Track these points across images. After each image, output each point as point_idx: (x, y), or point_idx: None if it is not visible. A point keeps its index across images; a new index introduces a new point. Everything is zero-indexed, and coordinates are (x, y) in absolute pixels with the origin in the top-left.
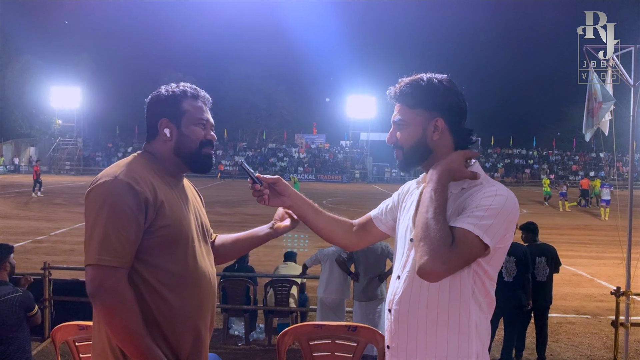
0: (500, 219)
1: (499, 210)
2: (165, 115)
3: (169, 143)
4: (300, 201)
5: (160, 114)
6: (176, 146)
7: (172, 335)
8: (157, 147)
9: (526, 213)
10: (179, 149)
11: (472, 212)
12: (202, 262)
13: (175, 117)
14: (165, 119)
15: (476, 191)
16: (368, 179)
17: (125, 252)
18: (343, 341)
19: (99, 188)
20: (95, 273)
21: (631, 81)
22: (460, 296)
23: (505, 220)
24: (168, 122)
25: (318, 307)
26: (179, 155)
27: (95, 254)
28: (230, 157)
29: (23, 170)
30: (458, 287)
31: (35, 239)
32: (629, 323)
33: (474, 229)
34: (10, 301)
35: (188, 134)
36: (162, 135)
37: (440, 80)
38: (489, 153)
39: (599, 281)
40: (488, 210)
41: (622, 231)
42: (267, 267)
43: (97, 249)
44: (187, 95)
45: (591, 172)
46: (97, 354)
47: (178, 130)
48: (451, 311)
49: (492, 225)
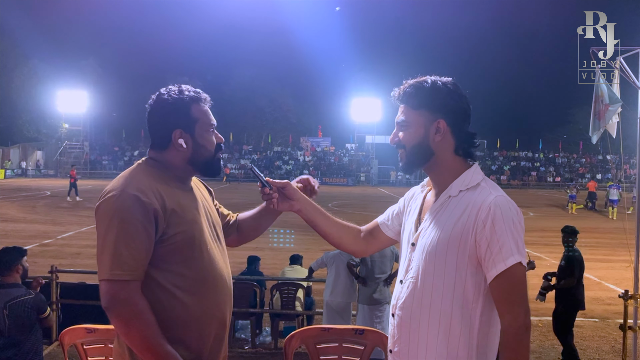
0: (518, 231)
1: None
2: (179, 125)
3: (185, 153)
4: (309, 206)
5: (172, 124)
6: (192, 156)
7: (191, 337)
8: (168, 156)
9: (533, 215)
10: (195, 159)
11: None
12: (217, 264)
13: (189, 126)
14: (179, 129)
15: (477, 195)
16: (373, 182)
17: (137, 265)
18: (350, 344)
19: (107, 202)
20: (108, 287)
21: (638, 83)
22: (463, 306)
23: (521, 231)
24: (182, 133)
25: (324, 311)
26: (192, 164)
27: (108, 269)
28: (236, 160)
29: (30, 174)
30: (460, 298)
31: (42, 242)
32: (637, 326)
33: (514, 260)
34: (23, 303)
35: (203, 143)
36: (178, 147)
37: (444, 83)
38: (495, 156)
39: (606, 284)
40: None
41: (630, 234)
42: (272, 270)
43: (109, 264)
44: (194, 100)
45: (598, 175)
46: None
47: (193, 140)
48: (453, 321)
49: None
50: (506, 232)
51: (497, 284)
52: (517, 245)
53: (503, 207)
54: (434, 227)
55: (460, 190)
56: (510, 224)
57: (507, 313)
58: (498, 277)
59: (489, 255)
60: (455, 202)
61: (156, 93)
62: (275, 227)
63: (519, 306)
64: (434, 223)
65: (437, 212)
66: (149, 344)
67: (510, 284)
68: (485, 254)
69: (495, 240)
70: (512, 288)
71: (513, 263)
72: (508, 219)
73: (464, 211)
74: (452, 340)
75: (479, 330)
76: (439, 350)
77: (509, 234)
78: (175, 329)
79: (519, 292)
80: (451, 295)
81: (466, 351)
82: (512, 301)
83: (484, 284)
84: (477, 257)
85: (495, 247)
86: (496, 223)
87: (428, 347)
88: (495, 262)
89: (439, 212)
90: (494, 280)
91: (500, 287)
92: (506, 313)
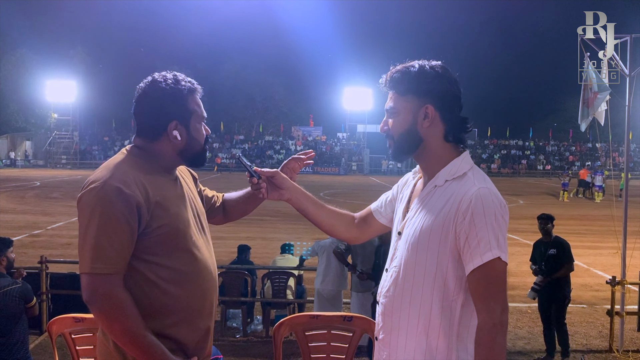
0: (500, 225)
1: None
2: (175, 117)
3: (177, 145)
4: (300, 194)
5: (169, 115)
6: (184, 148)
7: (178, 328)
8: (159, 146)
9: (523, 203)
10: (186, 150)
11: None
12: (202, 255)
13: (185, 118)
14: (176, 121)
15: (461, 186)
16: (365, 171)
17: (118, 259)
18: (339, 331)
19: (89, 194)
20: (89, 281)
21: (627, 71)
22: (444, 297)
23: (503, 225)
24: (178, 125)
25: (315, 299)
26: (182, 155)
27: (89, 262)
28: (227, 150)
29: (19, 165)
30: (441, 289)
31: (32, 233)
32: (624, 312)
33: (492, 255)
34: (11, 293)
35: (196, 135)
36: (172, 138)
37: (432, 67)
38: (486, 144)
39: (594, 271)
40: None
41: (618, 221)
42: (264, 259)
43: (90, 257)
44: (191, 91)
45: (587, 163)
46: (103, 352)
47: (187, 132)
48: (433, 311)
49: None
50: (486, 226)
51: (474, 278)
52: (497, 239)
53: (485, 199)
54: (418, 217)
55: (446, 180)
56: (492, 217)
57: (482, 309)
58: (474, 272)
59: (467, 249)
60: (440, 192)
61: (149, 79)
62: (275, 221)
63: (495, 302)
64: (418, 212)
65: (423, 202)
66: (132, 337)
67: (487, 280)
68: (463, 247)
69: (474, 233)
70: (488, 283)
71: (490, 258)
72: (489, 213)
73: (447, 202)
74: (432, 331)
75: (460, 322)
76: (419, 339)
77: (489, 227)
78: (160, 321)
79: (496, 288)
80: (432, 286)
81: (446, 341)
82: (487, 297)
83: (466, 276)
84: (458, 250)
85: (474, 241)
86: (476, 216)
87: (408, 335)
88: (472, 257)
89: (424, 201)
90: (471, 275)
91: (477, 282)
92: (482, 309)
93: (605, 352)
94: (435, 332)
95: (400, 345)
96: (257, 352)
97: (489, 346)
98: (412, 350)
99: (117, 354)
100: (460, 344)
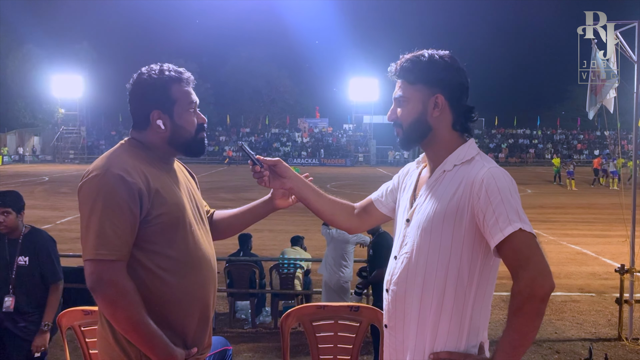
0: (515, 199)
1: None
2: (157, 106)
3: (163, 134)
4: (301, 183)
5: (150, 105)
6: (171, 137)
7: (176, 318)
8: (148, 137)
9: (531, 193)
10: (174, 139)
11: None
12: (202, 244)
13: (167, 107)
14: (157, 110)
15: (471, 169)
16: (372, 162)
17: (122, 245)
18: (346, 321)
19: (91, 182)
20: (93, 267)
21: (635, 57)
22: (457, 283)
23: (517, 198)
24: (160, 114)
25: (323, 290)
26: (172, 144)
27: (93, 249)
28: (234, 142)
29: (27, 160)
30: (455, 274)
31: (41, 227)
32: (633, 300)
33: (513, 228)
34: None
35: (182, 124)
36: (156, 128)
37: (442, 56)
38: (493, 133)
39: (603, 259)
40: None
41: (627, 209)
42: (272, 251)
43: (94, 244)
44: (174, 80)
45: (595, 151)
46: (103, 345)
47: (171, 121)
48: (446, 297)
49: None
50: (502, 201)
51: (502, 254)
52: (517, 212)
53: (497, 177)
54: (429, 203)
55: (455, 165)
56: (507, 192)
57: (513, 278)
58: (501, 248)
59: (486, 227)
60: (450, 177)
61: (137, 72)
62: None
63: (523, 270)
64: (429, 198)
65: (432, 188)
66: (135, 324)
67: (513, 251)
68: (483, 226)
69: (490, 211)
70: (514, 254)
71: (512, 231)
72: (503, 188)
73: (459, 186)
74: (444, 314)
75: (473, 307)
76: (431, 325)
77: (505, 202)
78: (159, 310)
79: (525, 257)
80: (445, 271)
81: (458, 328)
82: (517, 266)
83: (481, 260)
84: (474, 232)
85: (492, 219)
86: (491, 194)
87: (420, 322)
88: (493, 234)
89: (434, 187)
90: (499, 251)
91: (505, 256)
92: (513, 278)
93: (615, 340)
94: (447, 316)
95: (412, 331)
96: (266, 343)
97: (515, 313)
98: (423, 335)
99: (117, 346)
100: (472, 329)
